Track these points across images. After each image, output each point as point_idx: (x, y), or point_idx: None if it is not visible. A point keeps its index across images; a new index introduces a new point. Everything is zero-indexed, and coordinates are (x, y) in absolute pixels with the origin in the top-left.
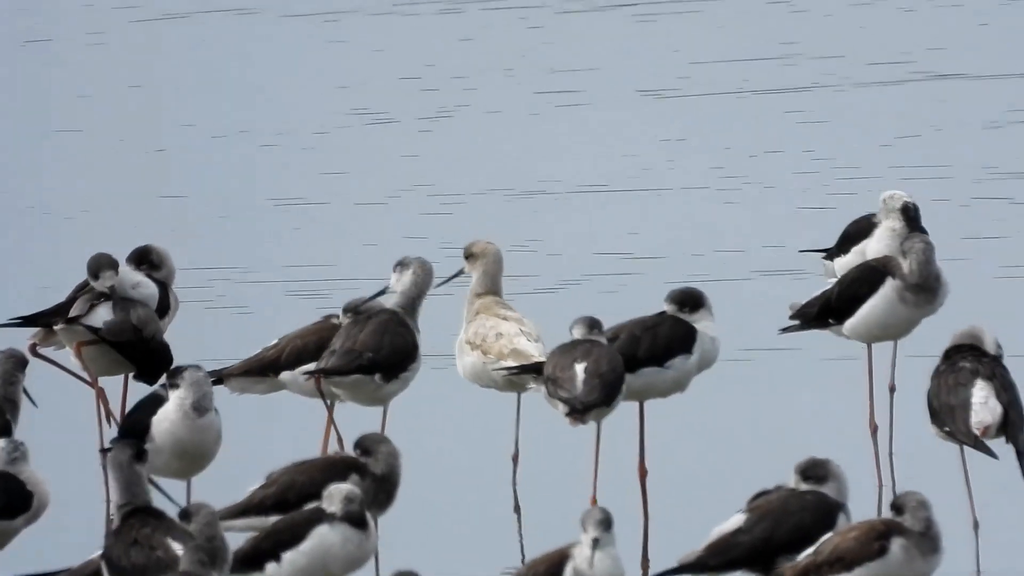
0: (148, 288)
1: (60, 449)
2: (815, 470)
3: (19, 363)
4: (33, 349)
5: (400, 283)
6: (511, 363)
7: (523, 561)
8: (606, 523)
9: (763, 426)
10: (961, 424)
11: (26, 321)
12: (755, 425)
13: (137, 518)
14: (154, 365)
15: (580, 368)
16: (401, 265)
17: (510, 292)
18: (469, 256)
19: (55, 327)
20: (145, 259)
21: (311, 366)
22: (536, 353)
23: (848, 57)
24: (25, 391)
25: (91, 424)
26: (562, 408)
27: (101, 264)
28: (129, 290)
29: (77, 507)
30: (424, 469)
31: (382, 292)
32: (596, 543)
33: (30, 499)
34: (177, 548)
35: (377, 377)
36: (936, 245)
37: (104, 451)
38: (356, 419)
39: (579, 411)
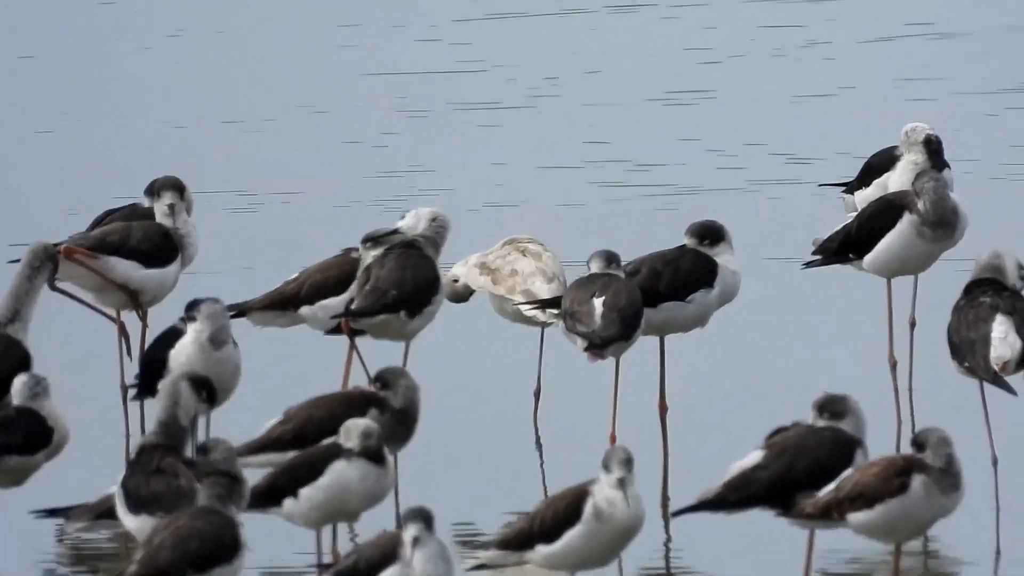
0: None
1: (81, 384)
2: (832, 406)
3: (50, 256)
4: (51, 283)
5: (419, 222)
6: (520, 300)
7: (545, 496)
8: (629, 463)
9: (782, 362)
10: (980, 359)
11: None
12: (774, 360)
13: (158, 449)
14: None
15: (598, 302)
16: (408, 212)
17: None
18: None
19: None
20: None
21: (331, 301)
22: (548, 295)
23: None
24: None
25: (112, 358)
26: (580, 343)
27: (170, 180)
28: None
29: (97, 443)
30: (445, 403)
31: (394, 232)
32: (621, 483)
33: (50, 434)
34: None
35: (403, 314)
36: (953, 178)
37: (125, 388)
38: (378, 352)
39: (597, 345)
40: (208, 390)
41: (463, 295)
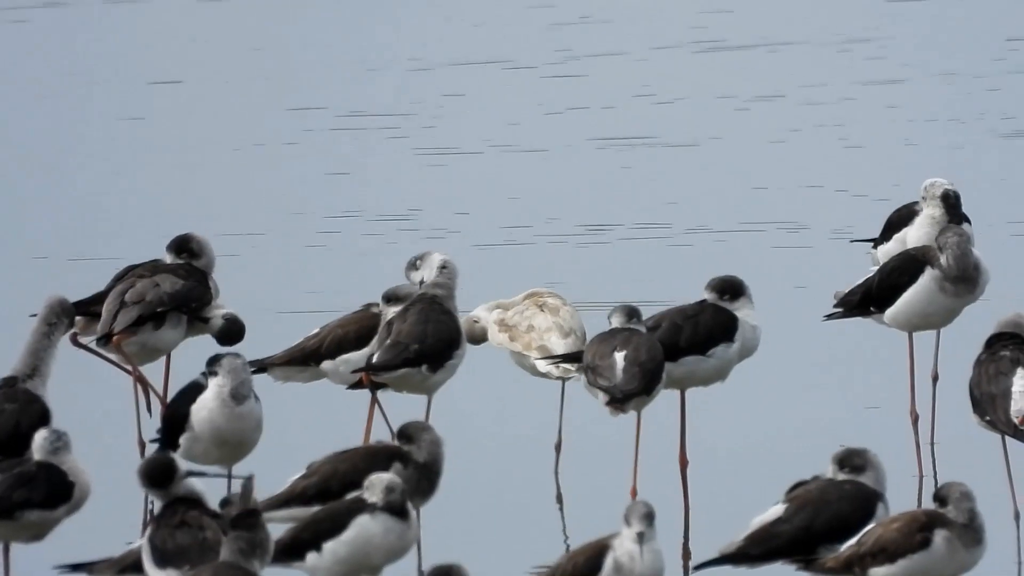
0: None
1: (99, 439)
2: (853, 459)
3: (67, 312)
4: (74, 339)
5: (431, 271)
6: (537, 356)
7: (566, 550)
8: (650, 517)
9: (802, 415)
10: (1001, 413)
11: None
12: (794, 414)
13: (183, 503)
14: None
15: (620, 356)
16: (418, 259)
17: None
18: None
19: (98, 344)
20: (185, 247)
21: (352, 356)
22: (564, 350)
23: None
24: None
25: (130, 414)
26: (602, 397)
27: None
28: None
29: (116, 498)
30: (467, 457)
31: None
32: (641, 537)
33: (71, 489)
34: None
35: (424, 368)
36: (975, 234)
37: (143, 443)
38: (400, 406)
39: (619, 400)
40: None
41: (480, 337)
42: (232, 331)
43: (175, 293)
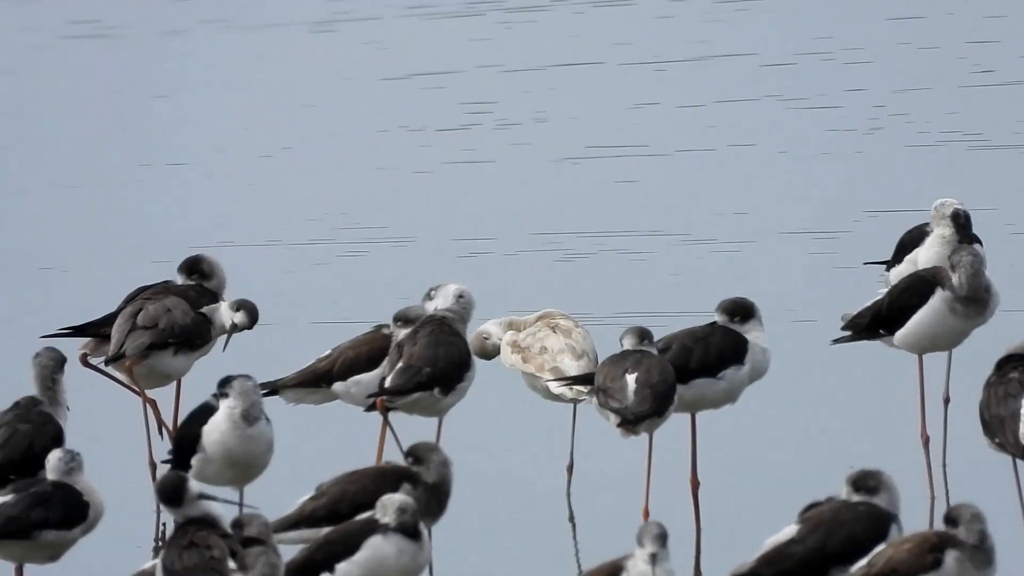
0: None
1: (109, 460)
2: (866, 481)
3: (59, 363)
4: (84, 359)
5: (447, 300)
6: (549, 378)
7: (579, 572)
8: (663, 538)
9: (814, 437)
10: (1010, 435)
11: (76, 331)
12: (806, 436)
13: (193, 524)
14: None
15: (631, 379)
16: (433, 290)
17: None
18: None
19: (107, 365)
20: (196, 268)
21: (364, 377)
22: (577, 372)
23: None
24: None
25: (140, 435)
26: (613, 419)
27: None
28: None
29: (127, 519)
30: (478, 478)
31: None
32: (654, 559)
33: (86, 509)
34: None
35: (436, 391)
36: (986, 255)
37: (154, 464)
38: (411, 427)
39: (631, 422)
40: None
41: (491, 353)
42: (253, 316)
43: (185, 327)
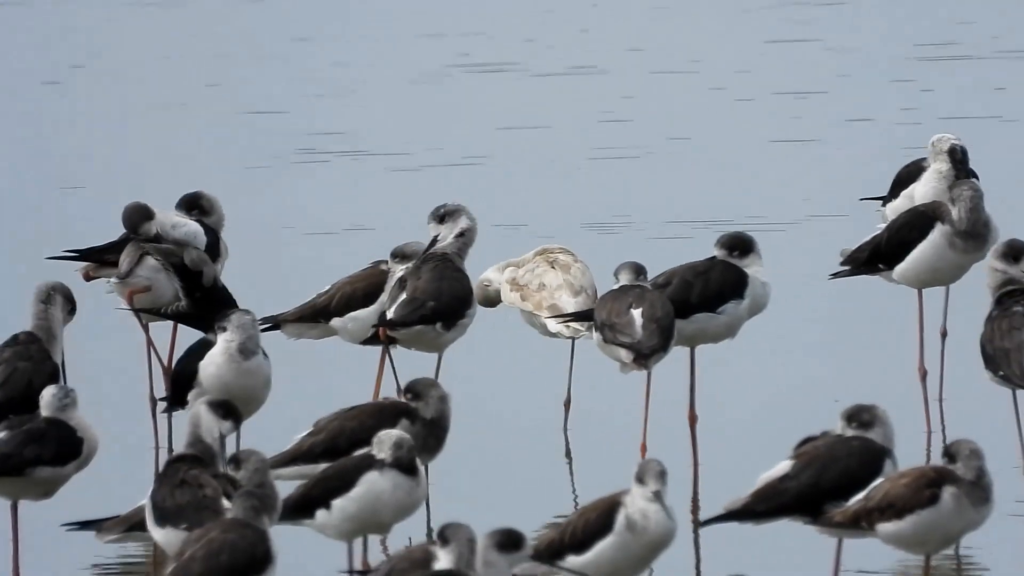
0: (189, 226)
1: (108, 396)
2: (861, 415)
3: (60, 295)
4: (87, 275)
5: (452, 231)
6: (547, 315)
7: (575, 507)
8: (664, 475)
9: (810, 372)
10: (1015, 367)
11: (80, 255)
12: (803, 371)
13: (185, 461)
14: (216, 309)
15: (637, 313)
16: (447, 215)
17: None
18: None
19: (112, 284)
20: (195, 205)
21: (361, 313)
22: (575, 308)
23: None
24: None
25: (141, 371)
26: (625, 354)
27: (134, 216)
28: (170, 231)
29: (124, 456)
30: (475, 414)
31: (433, 243)
32: (658, 496)
33: (80, 445)
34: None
35: (439, 326)
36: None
37: (154, 400)
38: (410, 363)
39: (645, 355)
40: (227, 410)
41: (494, 300)
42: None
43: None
